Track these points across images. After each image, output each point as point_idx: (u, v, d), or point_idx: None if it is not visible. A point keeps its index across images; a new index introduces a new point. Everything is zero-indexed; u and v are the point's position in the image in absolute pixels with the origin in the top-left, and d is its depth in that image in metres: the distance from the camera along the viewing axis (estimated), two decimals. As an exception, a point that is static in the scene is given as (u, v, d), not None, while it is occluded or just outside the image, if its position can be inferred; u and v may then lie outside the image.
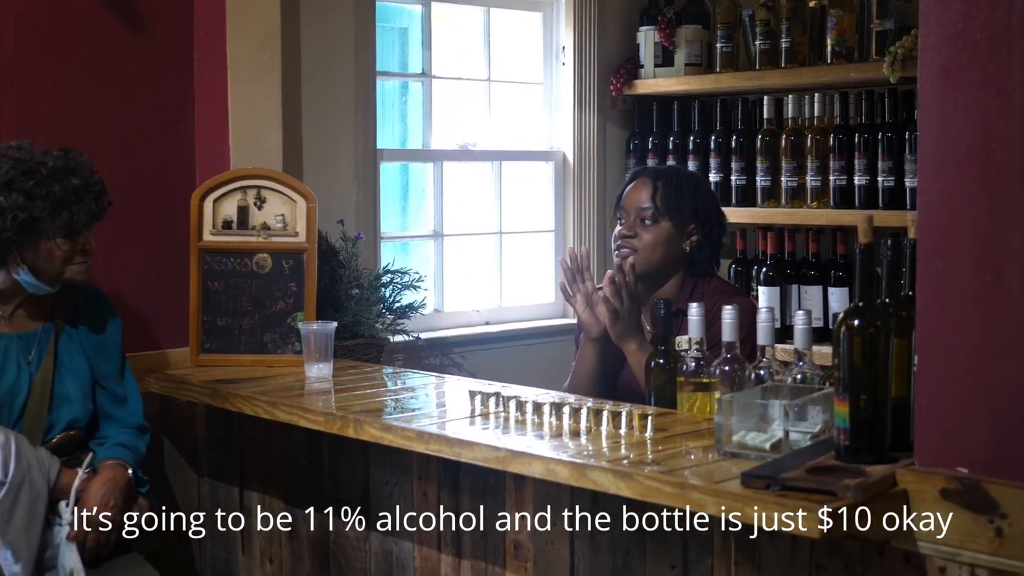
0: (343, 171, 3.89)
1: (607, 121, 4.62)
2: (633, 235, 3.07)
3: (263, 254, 3.34)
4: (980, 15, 1.86)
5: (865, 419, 2.03)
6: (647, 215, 3.07)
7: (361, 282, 3.63)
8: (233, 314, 3.33)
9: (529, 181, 4.60)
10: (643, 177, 3.13)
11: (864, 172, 3.97)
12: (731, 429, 2.20)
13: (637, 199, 3.09)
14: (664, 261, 3.07)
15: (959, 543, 1.91)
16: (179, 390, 3.16)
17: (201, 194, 3.32)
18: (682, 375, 2.59)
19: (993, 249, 1.88)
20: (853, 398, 2.03)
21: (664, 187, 3.08)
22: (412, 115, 4.29)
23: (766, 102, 4.26)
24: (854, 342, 2.03)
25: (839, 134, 4.05)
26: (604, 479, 2.16)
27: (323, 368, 3.10)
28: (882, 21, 3.92)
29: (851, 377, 2.03)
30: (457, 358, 4.15)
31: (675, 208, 3.08)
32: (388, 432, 2.57)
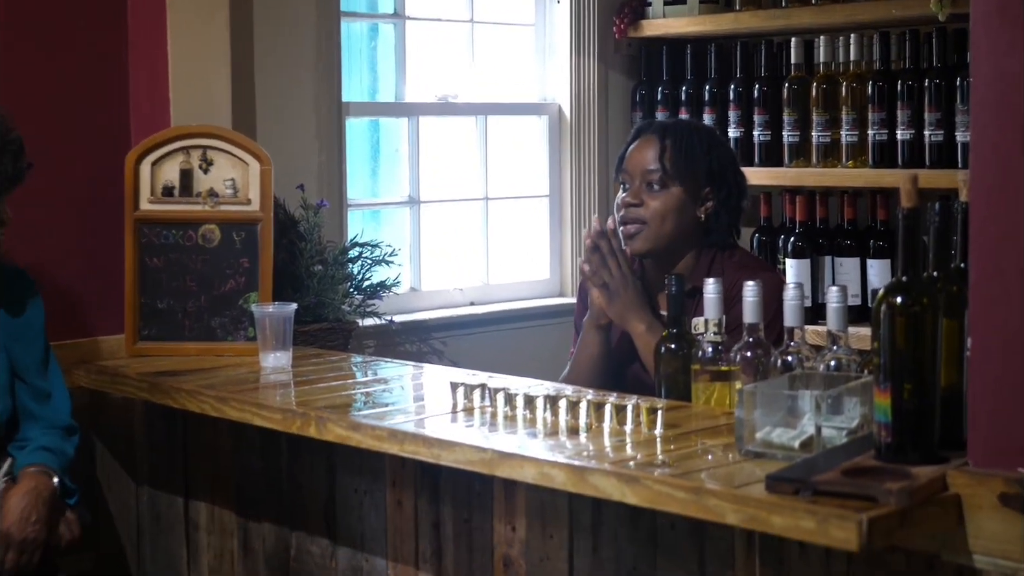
0: (303, 128, 3.87)
1: (609, 68, 4.60)
2: (639, 203, 3.04)
3: (210, 225, 3.33)
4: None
5: (910, 412, 2.02)
6: (654, 178, 3.04)
7: (325, 257, 3.63)
8: (176, 295, 3.32)
9: (519, 138, 4.58)
10: (648, 134, 3.11)
11: (908, 125, 3.96)
12: (754, 425, 2.19)
13: (642, 160, 3.06)
14: (676, 232, 3.05)
15: (1021, 556, 1.91)
16: (113, 384, 3.15)
17: (137, 156, 3.31)
18: (697, 362, 2.59)
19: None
20: (896, 388, 2.02)
21: (673, 145, 3.06)
22: (383, 63, 4.28)
23: (793, 45, 4.24)
24: (897, 322, 2.02)
25: (879, 81, 4.03)
26: (607, 484, 2.15)
27: (281, 357, 3.10)
28: (929, -50, 3.90)
29: (894, 363, 2.02)
30: (437, 344, 4.14)
31: (687, 169, 3.05)
32: (356, 431, 2.56)
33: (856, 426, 2.17)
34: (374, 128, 4.30)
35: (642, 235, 3.03)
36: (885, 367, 2.03)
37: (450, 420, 2.58)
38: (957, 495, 1.96)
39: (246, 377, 3.05)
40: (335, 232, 3.87)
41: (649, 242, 3.03)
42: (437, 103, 4.35)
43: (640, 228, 3.03)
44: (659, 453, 2.27)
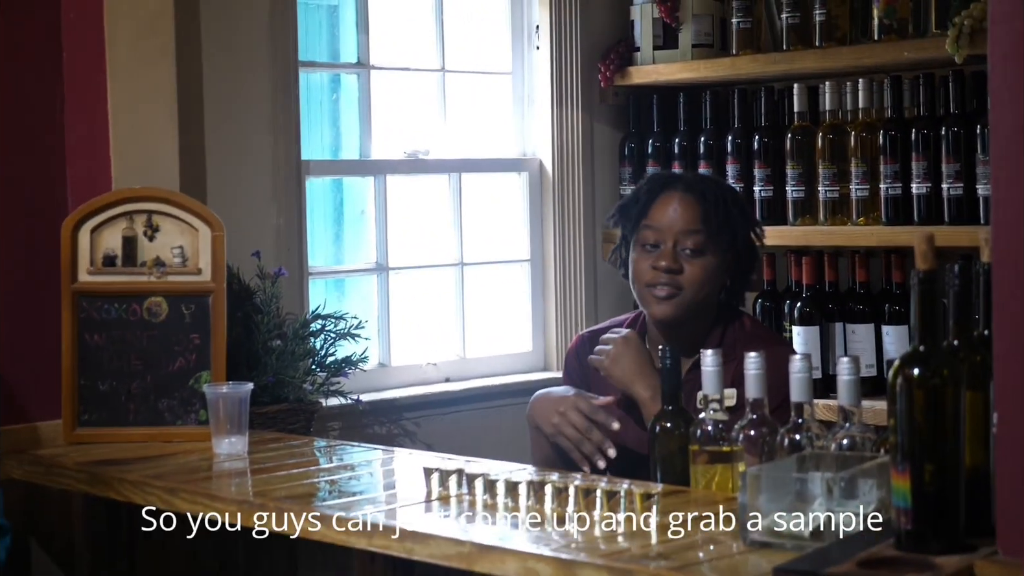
0: (258, 189, 3.88)
1: (595, 119, 4.63)
2: (679, 269, 3.05)
3: (157, 298, 3.33)
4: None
5: (932, 495, 2.03)
6: (695, 244, 3.06)
7: (284, 331, 3.62)
8: (119, 376, 3.31)
9: (497, 197, 4.61)
10: (679, 189, 3.12)
11: (924, 178, 3.97)
12: (759, 511, 2.19)
13: (679, 220, 3.07)
14: (706, 301, 3.10)
15: (1058, 655, 1.91)
16: (49, 475, 3.13)
17: (75, 222, 3.32)
18: (696, 442, 2.59)
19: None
20: (916, 469, 2.03)
21: (715, 205, 3.08)
22: (346, 116, 4.30)
23: (796, 92, 4.27)
24: (915, 396, 2.03)
25: (891, 130, 4.05)
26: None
27: (236, 442, 3.09)
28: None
29: (912, 442, 2.03)
30: (409, 425, 4.13)
31: (725, 236, 3.09)
32: (321, 523, 2.54)
33: (872, 511, 2.17)
34: (337, 188, 4.32)
35: (677, 301, 3.06)
36: (903, 446, 2.03)
37: (424, 510, 2.56)
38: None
39: (198, 465, 3.03)
40: (295, 303, 3.87)
41: (683, 310, 3.06)
42: (406, 160, 4.36)
43: (675, 293, 3.06)
44: (655, 543, 2.25)
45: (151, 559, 3.19)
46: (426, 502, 2.60)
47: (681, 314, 3.07)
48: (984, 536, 2.04)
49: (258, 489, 2.79)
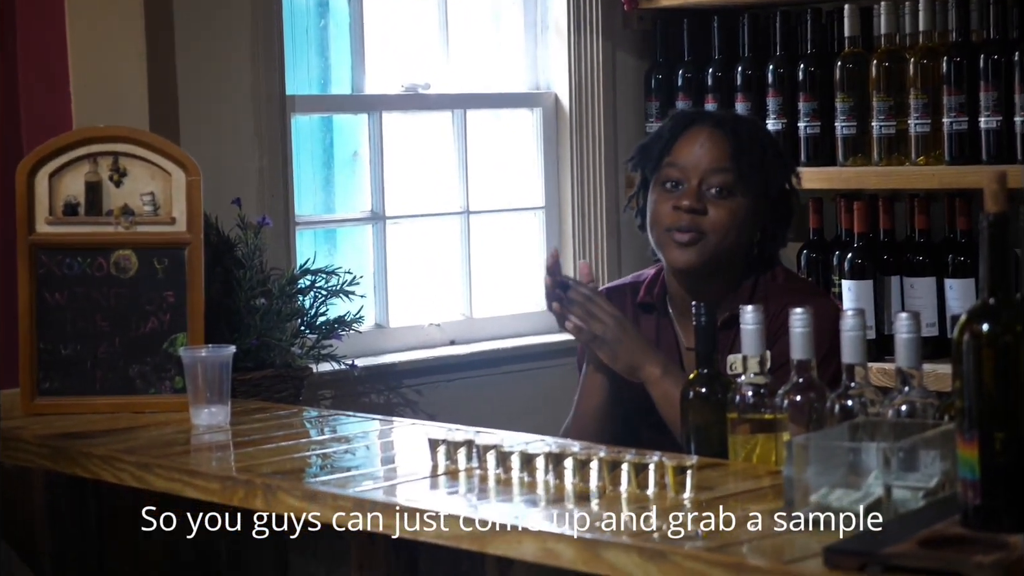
0: (238, 129, 3.90)
1: (617, 48, 4.65)
2: (702, 210, 3.06)
3: (125, 251, 3.35)
4: None
5: (1003, 467, 2.02)
6: (722, 183, 3.08)
7: (269, 288, 3.64)
8: (83, 339, 3.33)
9: (507, 137, 4.63)
10: (708, 125, 3.13)
11: (993, 111, 3.98)
12: (807, 485, 2.20)
13: (706, 157, 3.09)
14: (733, 249, 3.10)
15: None
16: (6, 450, 3.14)
17: (31, 166, 3.32)
18: (734, 410, 2.59)
19: None
20: (985, 437, 2.03)
21: (747, 143, 3.10)
22: (336, 47, 4.31)
23: (847, 13, 4.27)
24: (984, 356, 2.03)
25: (956, 56, 4.05)
26: (626, 561, 2.15)
27: (216, 412, 3.10)
28: None
29: (981, 407, 2.03)
30: (410, 393, 4.16)
31: (758, 177, 3.10)
32: (314, 501, 2.56)
33: (935, 485, 2.18)
34: (326, 127, 4.33)
35: (698, 247, 3.07)
36: (971, 411, 2.03)
37: (429, 486, 2.58)
38: (1064, 570, 1.98)
39: (174, 438, 3.04)
40: (281, 257, 3.89)
41: (704, 257, 3.07)
42: (404, 95, 4.38)
43: (697, 238, 3.06)
44: (689, 522, 2.25)
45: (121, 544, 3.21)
46: (431, 477, 2.61)
47: (704, 263, 3.07)
48: (1062, 513, 2.06)
49: (242, 464, 2.79)
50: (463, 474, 2.60)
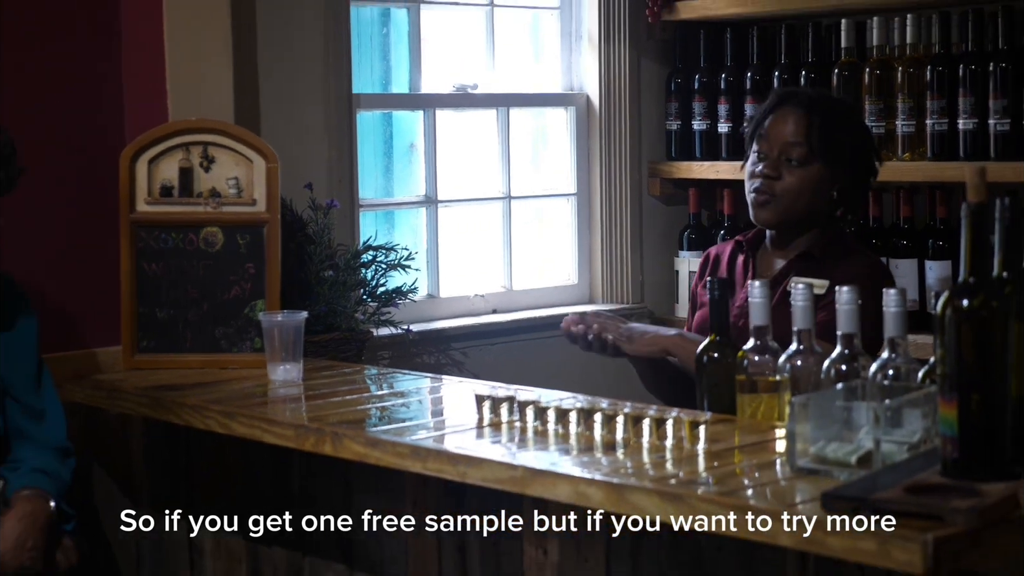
0: (311, 122, 3.89)
1: (642, 55, 4.62)
2: (777, 175, 3.14)
3: (212, 228, 3.35)
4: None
5: (979, 424, 2.03)
6: (796, 154, 3.14)
7: (336, 261, 3.64)
8: (176, 304, 3.34)
9: (544, 132, 4.61)
10: (792, 105, 3.19)
11: (971, 114, 3.95)
12: (807, 438, 2.20)
13: (785, 131, 3.15)
14: (806, 209, 3.16)
15: (1104, 580, 1.92)
16: (110, 400, 3.17)
17: (132, 153, 3.33)
18: (743, 372, 2.60)
19: None
20: (963, 398, 2.03)
21: (821, 122, 3.15)
22: (396, 51, 4.30)
23: (844, 27, 4.24)
24: (963, 328, 2.03)
25: (938, 66, 4.02)
26: (648, 502, 2.16)
27: (290, 369, 3.12)
28: (995, -80, 3.91)
29: (960, 372, 2.03)
30: (457, 355, 4.16)
31: (830, 149, 3.15)
32: (375, 448, 2.58)
33: (918, 440, 2.18)
34: (387, 121, 4.32)
35: (771, 207, 3.15)
36: (951, 376, 2.03)
37: (475, 436, 2.59)
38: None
39: (253, 391, 3.06)
40: (346, 234, 3.89)
41: (778, 215, 3.15)
42: (455, 94, 4.36)
43: (770, 199, 3.14)
44: (702, 470, 2.28)
45: (207, 482, 3.22)
46: (477, 428, 2.63)
47: (779, 220, 3.16)
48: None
49: (313, 414, 2.82)
50: (505, 426, 2.62)
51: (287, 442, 2.75)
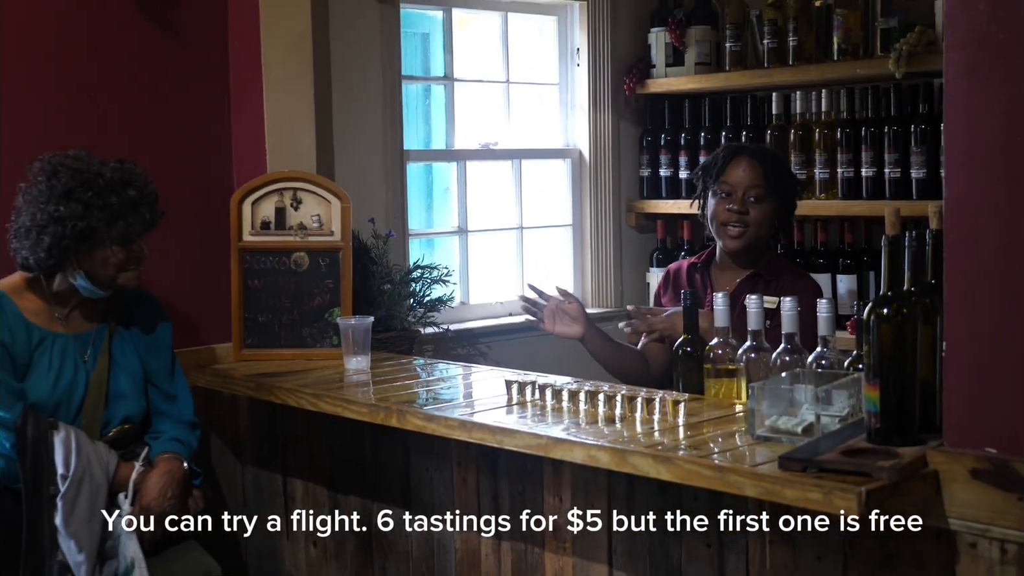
0: (373, 171, 3.89)
1: (621, 119, 4.62)
2: (746, 211, 3.12)
3: (300, 253, 3.35)
4: (1003, 15, 1.86)
5: (895, 403, 2.03)
6: (757, 194, 3.12)
7: (392, 277, 3.64)
8: (273, 310, 3.34)
9: (547, 178, 4.60)
10: (747, 156, 3.17)
11: (871, 164, 3.96)
12: (763, 414, 2.21)
13: (746, 177, 3.13)
14: (764, 236, 3.17)
15: (989, 520, 1.92)
16: (224, 384, 3.17)
17: (240, 196, 3.33)
18: (709, 362, 2.60)
19: (1019, 240, 1.88)
20: (883, 383, 2.03)
21: (770, 167, 3.15)
22: (435, 117, 4.30)
23: (774, 99, 4.25)
24: (883, 329, 2.03)
25: (846, 128, 4.04)
26: (644, 464, 2.17)
27: (361, 361, 3.11)
28: (887, 19, 3.91)
29: (881, 363, 2.03)
30: (483, 348, 4.15)
31: (777, 189, 3.15)
32: (431, 422, 2.58)
33: (847, 414, 2.18)
34: (429, 171, 4.32)
35: (745, 236, 3.13)
36: (874, 366, 2.04)
37: (506, 412, 2.58)
38: (935, 471, 1.97)
39: (332, 377, 3.05)
40: (400, 257, 3.89)
41: (747, 242, 3.13)
42: (480, 149, 4.36)
43: (743, 231, 3.12)
44: (683, 438, 2.27)
45: (297, 447, 3.22)
46: (507, 406, 2.62)
47: (748, 245, 3.14)
48: (932, 432, 2.05)
49: (380, 396, 2.81)
50: (529, 404, 2.61)
51: (363, 417, 2.74)
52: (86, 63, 3.16)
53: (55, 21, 3.10)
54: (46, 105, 3.09)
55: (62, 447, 2.63)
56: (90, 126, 3.14)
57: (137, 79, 3.24)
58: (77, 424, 2.76)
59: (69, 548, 2.62)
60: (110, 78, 3.19)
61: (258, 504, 3.34)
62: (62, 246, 2.67)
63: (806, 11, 4.12)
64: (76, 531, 2.62)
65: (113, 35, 3.20)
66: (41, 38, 3.08)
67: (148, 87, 3.26)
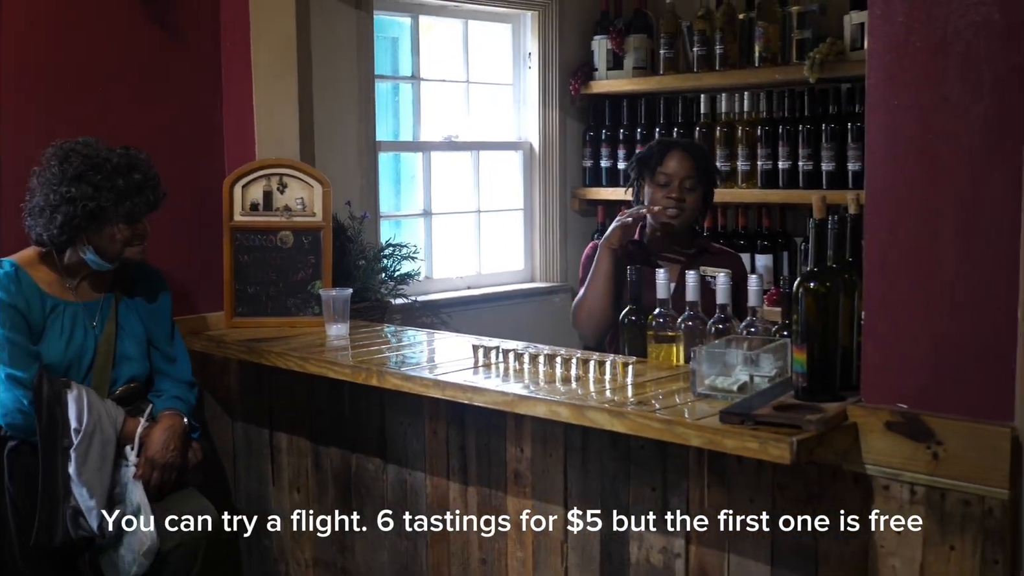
0: (348, 160, 3.86)
1: (567, 116, 4.61)
2: (682, 198, 3.09)
3: (286, 232, 3.31)
4: (919, 27, 1.87)
5: (819, 365, 2.05)
6: (689, 183, 3.10)
7: (366, 254, 3.62)
8: (261, 283, 3.29)
9: (502, 167, 4.59)
10: (680, 149, 3.14)
11: (787, 158, 4.00)
12: (703, 374, 2.22)
13: (681, 168, 3.10)
14: (695, 218, 3.16)
15: (901, 465, 1.94)
16: (218, 348, 3.12)
17: (231, 181, 3.28)
18: (652, 330, 2.60)
19: (929, 222, 1.90)
20: (810, 347, 2.05)
21: (700, 158, 3.14)
22: (404, 112, 4.26)
23: (703, 100, 4.27)
24: (809, 300, 2.05)
25: (765, 126, 4.06)
26: (600, 417, 2.17)
27: (341, 328, 3.08)
28: (802, 31, 3.93)
29: (808, 330, 2.05)
30: (445, 317, 4.14)
31: (707, 179, 3.15)
32: (408, 381, 2.56)
33: (775, 375, 2.20)
34: (397, 160, 4.29)
35: (681, 218, 3.10)
36: (802, 332, 2.05)
37: (473, 372, 2.57)
38: (854, 423, 1.99)
39: (315, 342, 3.02)
40: (373, 236, 3.86)
41: (683, 223, 3.11)
42: (443, 141, 4.34)
43: (680, 213, 3.09)
44: (631, 395, 2.28)
45: (283, 403, 3.19)
46: (474, 368, 2.60)
47: (683, 225, 3.12)
48: (851, 390, 2.07)
49: (358, 359, 2.78)
50: (494, 366, 2.60)
51: (345, 377, 2.72)
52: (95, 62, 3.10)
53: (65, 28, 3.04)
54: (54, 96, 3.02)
55: (75, 404, 2.59)
56: (97, 117, 3.07)
57: (141, 77, 3.18)
58: (87, 383, 2.71)
59: (81, 494, 2.57)
60: (117, 75, 3.13)
61: (247, 455, 3.30)
62: (73, 224, 2.62)
63: (731, 23, 4.14)
64: (88, 479, 2.58)
65: (120, 38, 3.14)
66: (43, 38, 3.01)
67: (151, 85, 3.20)
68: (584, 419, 2.20)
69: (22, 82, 2.97)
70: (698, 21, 4.20)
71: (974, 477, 1.86)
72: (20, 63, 2.96)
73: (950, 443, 1.89)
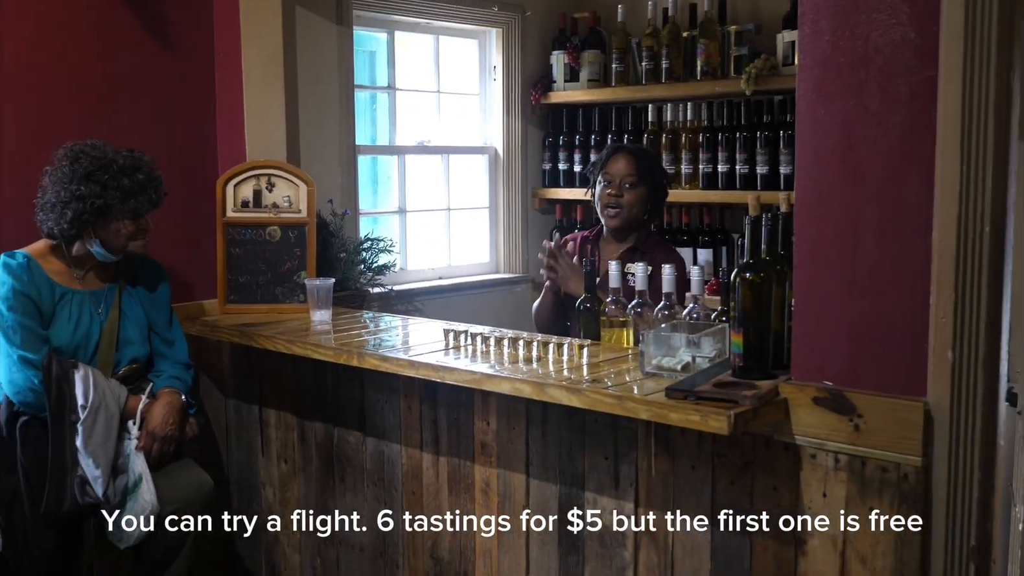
0: (330, 161, 3.83)
1: (528, 123, 4.60)
2: (620, 195, 3.10)
3: (274, 227, 3.29)
4: (843, 44, 1.89)
5: (754, 347, 2.07)
6: (631, 181, 3.10)
7: (347, 247, 3.60)
8: (251, 273, 3.28)
9: (469, 170, 4.57)
10: (624, 152, 3.15)
11: (725, 162, 4.02)
12: (651, 355, 2.23)
13: (622, 168, 3.11)
14: (637, 217, 3.13)
15: (826, 436, 1.97)
16: (212, 332, 3.11)
17: (224, 181, 3.26)
18: (604, 316, 2.62)
19: (852, 219, 1.92)
20: (746, 331, 2.07)
21: (642, 161, 3.13)
22: (381, 118, 4.24)
23: (650, 109, 4.28)
24: (745, 289, 2.07)
25: (706, 134, 4.08)
26: (560, 394, 2.18)
27: (324, 314, 3.07)
28: (739, 48, 3.96)
29: (744, 315, 2.07)
30: (419, 304, 4.13)
31: (648, 178, 3.13)
32: (385, 361, 2.56)
33: (715, 356, 2.23)
34: (375, 162, 4.27)
35: (619, 216, 3.10)
36: (739, 318, 2.08)
37: (444, 354, 2.57)
38: (785, 399, 2.02)
39: (301, 327, 3.01)
40: (352, 231, 3.84)
41: (622, 220, 3.10)
42: (417, 146, 4.32)
43: (619, 212, 3.10)
44: (586, 375, 2.29)
45: (271, 382, 3.18)
46: (445, 350, 2.61)
47: (623, 224, 3.12)
48: (782, 369, 2.09)
49: (340, 341, 2.78)
50: (463, 348, 2.60)
51: (329, 358, 2.71)
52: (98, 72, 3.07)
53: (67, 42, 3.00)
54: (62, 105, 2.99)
55: (81, 383, 2.56)
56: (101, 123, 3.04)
57: (138, 86, 3.15)
58: (93, 364, 2.69)
59: (88, 465, 2.55)
60: (117, 85, 3.10)
61: (239, 428, 3.29)
62: (82, 219, 2.60)
63: (676, 40, 4.15)
64: (94, 451, 2.56)
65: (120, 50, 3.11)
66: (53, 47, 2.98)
67: (148, 93, 3.18)
68: (544, 395, 2.21)
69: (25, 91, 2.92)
70: (646, 38, 4.21)
71: (891, 446, 1.89)
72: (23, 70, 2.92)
73: (870, 416, 1.92)
